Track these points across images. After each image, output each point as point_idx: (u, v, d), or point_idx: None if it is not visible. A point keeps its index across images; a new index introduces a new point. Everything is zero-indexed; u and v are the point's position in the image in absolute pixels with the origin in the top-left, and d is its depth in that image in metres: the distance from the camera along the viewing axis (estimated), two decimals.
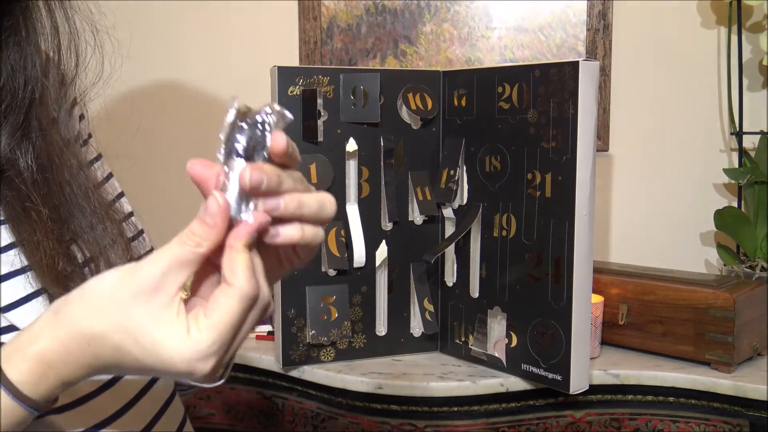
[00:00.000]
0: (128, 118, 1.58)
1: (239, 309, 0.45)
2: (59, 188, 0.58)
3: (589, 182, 1.01)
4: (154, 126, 1.59)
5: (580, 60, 0.98)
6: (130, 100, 1.56)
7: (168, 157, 1.60)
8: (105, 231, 0.60)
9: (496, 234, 1.12)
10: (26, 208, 0.55)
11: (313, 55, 1.52)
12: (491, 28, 1.49)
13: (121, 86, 1.54)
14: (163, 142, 1.60)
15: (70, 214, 0.58)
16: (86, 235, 0.59)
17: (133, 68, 1.58)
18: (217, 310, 0.45)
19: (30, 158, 0.57)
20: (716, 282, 1.19)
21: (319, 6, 1.51)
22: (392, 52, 1.52)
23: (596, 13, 1.46)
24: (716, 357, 1.12)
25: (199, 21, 1.56)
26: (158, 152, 1.60)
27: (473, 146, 1.14)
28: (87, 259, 0.58)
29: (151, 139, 1.59)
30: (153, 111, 1.59)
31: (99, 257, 0.59)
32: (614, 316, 1.22)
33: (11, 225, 0.55)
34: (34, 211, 0.55)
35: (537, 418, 1.13)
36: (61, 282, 0.55)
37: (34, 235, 0.55)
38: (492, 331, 1.14)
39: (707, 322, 1.13)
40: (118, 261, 0.60)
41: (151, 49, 1.56)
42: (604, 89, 1.48)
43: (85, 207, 0.59)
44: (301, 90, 1.11)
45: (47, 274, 0.54)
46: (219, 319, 0.44)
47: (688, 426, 1.13)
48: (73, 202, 0.59)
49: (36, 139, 0.57)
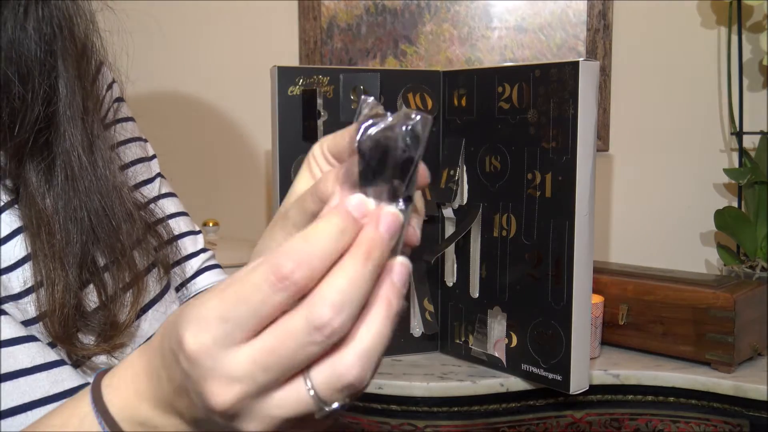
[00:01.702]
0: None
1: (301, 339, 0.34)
2: (84, 190, 0.55)
3: (589, 182, 1.01)
4: (154, 126, 1.59)
5: (580, 60, 0.98)
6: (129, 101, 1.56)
7: (168, 157, 1.60)
8: (129, 232, 0.57)
9: (496, 234, 1.11)
10: (40, 224, 0.53)
11: (313, 55, 1.52)
12: (491, 28, 1.49)
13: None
14: (163, 143, 1.60)
15: (94, 215, 0.55)
16: (109, 238, 0.56)
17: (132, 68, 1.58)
18: (275, 335, 0.35)
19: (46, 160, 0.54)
20: (716, 282, 1.19)
21: (319, 6, 1.51)
22: (392, 52, 1.52)
23: (596, 13, 1.46)
24: (716, 357, 1.12)
25: (198, 21, 1.56)
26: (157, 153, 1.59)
27: (473, 146, 1.14)
28: (108, 262, 0.56)
29: (150, 139, 1.59)
30: (152, 111, 1.59)
31: (121, 259, 0.56)
32: (614, 316, 1.22)
33: (27, 234, 0.53)
34: (45, 228, 0.52)
35: (537, 418, 1.13)
36: (68, 334, 0.52)
37: (47, 267, 0.52)
38: (492, 331, 1.14)
39: (707, 322, 1.13)
40: (141, 263, 0.58)
41: (151, 49, 1.56)
42: (604, 89, 1.48)
43: (109, 207, 0.56)
44: (301, 90, 1.11)
45: (54, 325, 0.52)
46: (265, 344, 0.35)
47: (688, 426, 1.13)
48: (97, 203, 0.56)
49: (56, 139, 0.54)
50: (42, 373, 0.50)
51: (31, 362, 0.50)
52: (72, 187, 0.54)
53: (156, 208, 0.68)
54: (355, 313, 0.34)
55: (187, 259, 0.73)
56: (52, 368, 0.51)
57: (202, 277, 0.74)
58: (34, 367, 0.50)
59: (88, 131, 0.56)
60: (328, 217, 0.35)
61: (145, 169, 0.69)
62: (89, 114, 0.57)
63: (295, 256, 0.34)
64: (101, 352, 0.54)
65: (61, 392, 0.51)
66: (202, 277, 0.74)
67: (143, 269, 0.59)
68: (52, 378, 0.51)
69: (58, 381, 0.51)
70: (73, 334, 0.53)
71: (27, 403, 0.49)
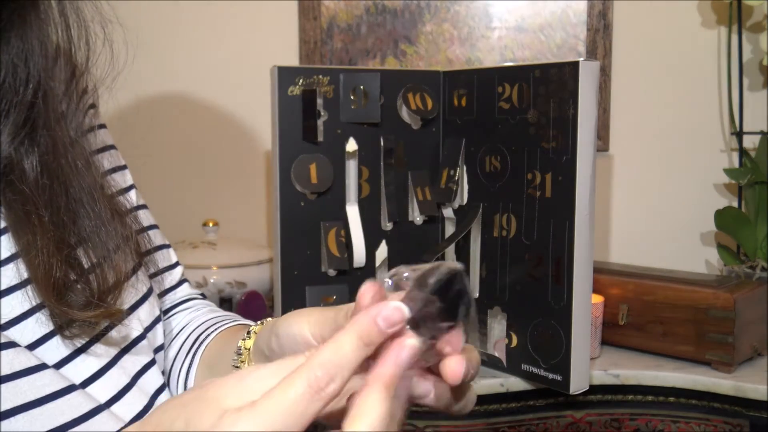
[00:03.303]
0: (127, 119, 1.58)
1: None
2: (64, 189, 0.55)
3: (589, 182, 1.01)
4: (154, 126, 1.59)
5: (580, 60, 0.98)
6: (129, 100, 1.56)
7: (167, 157, 1.60)
8: (111, 234, 0.57)
9: (496, 234, 1.11)
10: (28, 213, 0.52)
11: (313, 55, 1.52)
12: (491, 28, 1.49)
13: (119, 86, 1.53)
14: (163, 143, 1.60)
15: (75, 216, 0.55)
16: (92, 239, 0.56)
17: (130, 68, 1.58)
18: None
19: (34, 159, 0.54)
20: (716, 282, 1.19)
21: (319, 6, 1.51)
22: (392, 52, 1.52)
23: (596, 13, 1.46)
24: (716, 357, 1.12)
25: (198, 21, 1.56)
26: (157, 153, 1.60)
27: (473, 146, 1.14)
28: (93, 264, 0.56)
29: (150, 139, 1.59)
30: (152, 111, 1.59)
31: (104, 262, 0.56)
32: (614, 316, 1.22)
33: (13, 232, 0.52)
34: (35, 216, 0.52)
35: (537, 418, 1.13)
36: (59, 295, 0.52)
37: (34, 244, 0.51)
38: (492, 331, 1.14)
39: (707, 323, 1.13)
40: (124, 266, 0.57)
41: (151, 49, 1.56)
42: (604, 89, 1.48)
43: (91, 209, 0.56)
44: (301, 90, 1.11)
45: (44, 287, 0.51)
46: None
47: (688, 426, 1.13)
48: (78, 203, 0.56)
49: (40, 138, 0.54)
50: (21, 379, 0.49)
51: (10, 369, 0.49)
52: (53, 190, 0.54)
53: (139, 214, 0.68)
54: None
55: (164, 271, 0.73)
56: (31, 374, 0.50)
57: (181, 289, 0.76)
58: (14, 373, 0.49)
59: (66, 135, 0.56)
60: None
61: (121, 178, 0.69)
62: (67, 118, 0.57)
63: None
64: (91, 318, 0.53)
65: (42, 397, 0.50)
66: (181, 288, 0.76)
67: (128, 272, 0.59)
68: (32, 383, 0.50)
69: (38, 387, 0.50)
70: (61, 293, 0.52)
71: (8, 410, 0.48)
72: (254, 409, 0.35)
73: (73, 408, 0.51)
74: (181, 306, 0.75)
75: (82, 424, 0.52)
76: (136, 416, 0.57)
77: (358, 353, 0.37)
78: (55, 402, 0.51)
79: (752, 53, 1.44)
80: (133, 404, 0.57)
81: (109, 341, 0.57)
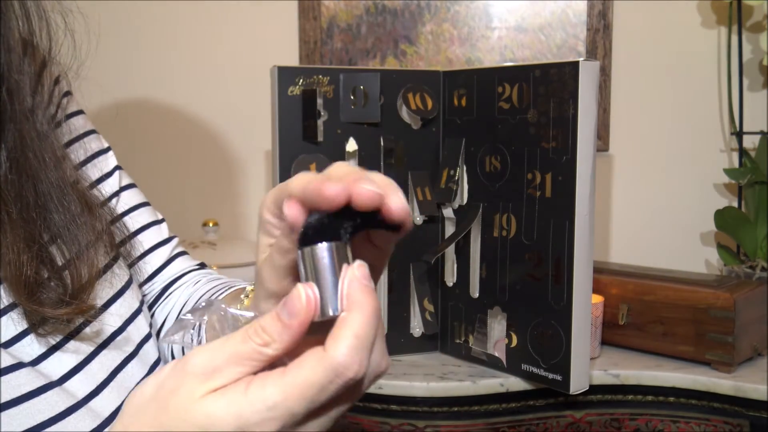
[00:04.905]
0: (127, 118, 1.58)
1: (324, 381, 0.36)
2: (32, 185, 0.54)
3: (589, 182, 1.01)
4: (154, 126, 1.59)
5: (580, 60, 0.98)
6: (128, 100, 1.56)
7: (168, 157, 1.60)
8: (83, 228, 0.56)
9: (496, 234, 1.11)
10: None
11: (313, 55, 1.52)
12: (491, 28, 1.49)
13: (119, 87, 1.54)
14: (163, 143, 1.60)
15: (45, 211, 0.54)
16: (63, 235, 0.55)
17: (131, 68, 1.58)
18: (297, 372, 0.37)
19: (1, 154, 0.53)
20: (716, 282, 1.19)
21: (319, 6, 1.51)
22: (392, 52, 1.52)
23: (596, 13, 1.46)
24: (716, 357, 1.12)
25: (198, 20, 1.56)
26: (157, 153, 1.60)
27: (473, 146, 1.14)
28: (66, 261, 0.55)
29: (150, 139, 1.59)
30: (152, 111, 1.59)
31: (77, 258, 0.55)
32: (614, 316, 1.22)
33: None
34: (4, 212, 0.51)
35: (537, 418, 1.13)
36: (30, 293, 0.51)
37: (4, 241, 0.50)
38: (492, 331, 1.14)
39: (707, 322, 1.13)
40: (98, 261, 0.56)
41: (151, 49, 1.56)
42: (604, 89, 1.48)
43: (60, 203, 0.55)
44: (301, 90, 1.11)
45: (15, 286, 0.50)
46: (293, 381, 0.37)
47: (688, 426, 1.13)
48: (48, 198, 0.54)
49: (8, 133, 0.53)
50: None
51: None
52: (21, 185, 0.53)
53: (117, 203, 0.68)
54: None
55: (151, 251, 0.73)
56: (7, 373, 0.49)
57: (173, 265, 0.75)
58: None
59: (34, 129, 0.55)
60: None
61: (103, 162, 0.69)
62: (34, 112, 0.56)
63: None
64: (64, 315, 0.53)
65: (19, 397, 0.50)
66: (174, 264, 0.75)
67: (102, 267, 0.58)
68: (8, 383, 0.49)
69: (14, 386, 0.50)
70: (32, 291, 0.51)
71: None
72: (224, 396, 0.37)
73: (50, 406, 0.51)
74: (179, 282, 0.75)
75: (60, 422, 0.52)
76: (115, 411, 0.57)
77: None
78: (31, 401, 0.50)
79: (752, 53, 1.45)
80: (111, 399, 0.57)
81: (84, 337, 0.57)
